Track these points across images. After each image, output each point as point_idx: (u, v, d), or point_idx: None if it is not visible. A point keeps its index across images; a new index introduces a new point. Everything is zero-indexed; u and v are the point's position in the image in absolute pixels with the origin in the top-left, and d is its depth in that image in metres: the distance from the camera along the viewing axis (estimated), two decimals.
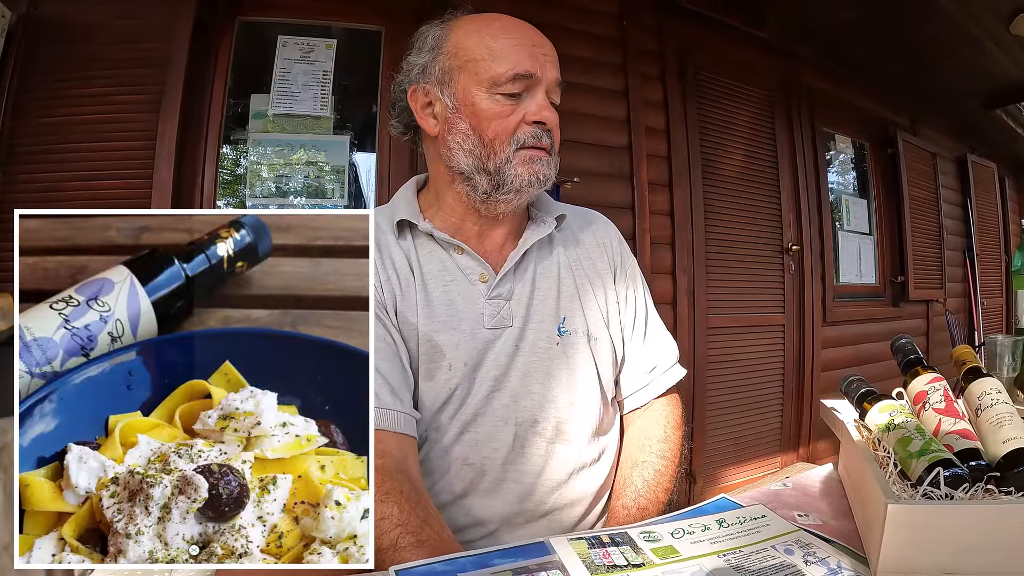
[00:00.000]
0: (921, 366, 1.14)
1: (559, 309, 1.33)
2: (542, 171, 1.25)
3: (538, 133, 1.24)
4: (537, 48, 1.24)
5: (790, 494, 1.17)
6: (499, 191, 1.24)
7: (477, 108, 1.23)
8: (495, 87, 1.21)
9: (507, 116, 1.22)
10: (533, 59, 1.22)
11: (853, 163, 5.39)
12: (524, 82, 1.22)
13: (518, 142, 1.23)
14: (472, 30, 1.26)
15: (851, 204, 5.18)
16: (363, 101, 3.16)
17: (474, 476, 1.24)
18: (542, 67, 1.23)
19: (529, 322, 1.30)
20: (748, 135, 4.31)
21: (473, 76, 1.23)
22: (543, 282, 1.34)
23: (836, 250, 4.90)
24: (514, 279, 1.32)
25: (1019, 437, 0.92)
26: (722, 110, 4.17)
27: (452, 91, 1.25)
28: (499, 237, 1.34)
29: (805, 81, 4.63)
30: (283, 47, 3.02)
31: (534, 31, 1.27)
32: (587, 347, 1.33)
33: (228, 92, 2.96)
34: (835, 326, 4.73)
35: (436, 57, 1.28)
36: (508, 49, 1.22)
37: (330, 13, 3.10)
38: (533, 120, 1.23)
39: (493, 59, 1.22)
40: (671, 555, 0.89)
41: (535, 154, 1.24)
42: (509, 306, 1.29)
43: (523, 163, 1.23)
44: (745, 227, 4.23)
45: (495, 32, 1.24)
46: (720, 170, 4.11)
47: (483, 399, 1.25)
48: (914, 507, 0.79)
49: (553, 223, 1.36)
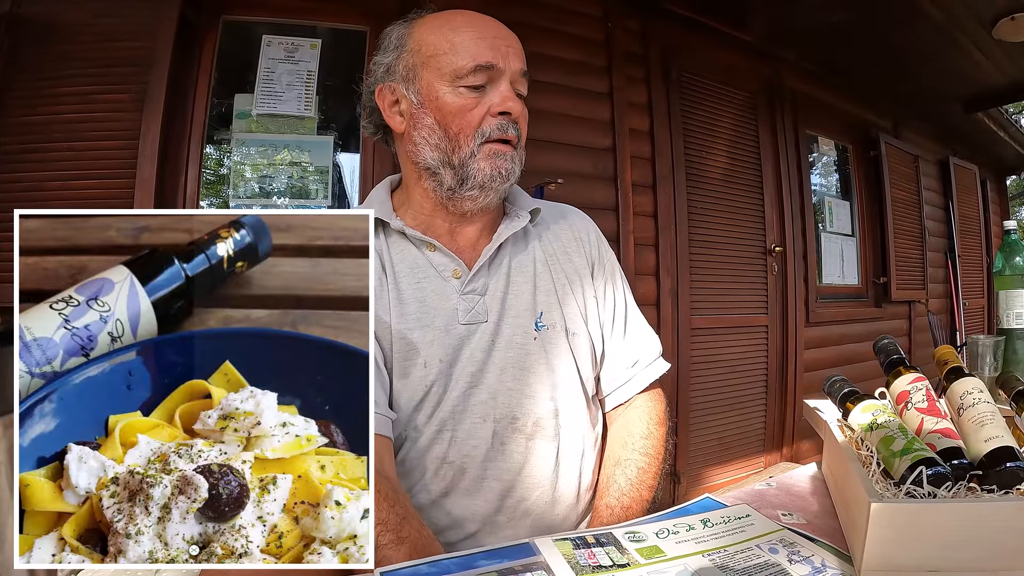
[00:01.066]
0: (903, 366, 1.15)
1: (535, 304, 1.32)
2: (504, 166, 1.24)
3: (503, 125, 1.23)
4: (499, 39, 1.24)
5: (774, 494, 1.17)
6: (463, 186, 1.24)
7: (441, 102, 1.22)
8: (458, 80, 1.21)
9: (471, 109, 1.22)
10: (494, 50, 1.22)
11: (836, 165, 5.43)
12: (486, 73, 1.21)
13: (483, 135, 1.22)
14: (434, 26, 1.26)
15: (834, 206, 5.22)
16: (347, 101, 3.14)
17: (454, 475, 1.23)
18: (504, 57, 1.22)
19: (505, 317, 1.29)
20: (732, 137, 4.33)
21: (436, 71, 1.22)
22: (518, 276, 1.33)
23: (819, 251, 4.94)
24: (488, 274, 1.30)
25: (1001, 436, 0.93)
26: (706, 112, 4.19)
27: (416, 87, 1.25)
28: (472, 233, 1.34)
29: (788, 84, 4.66)
30: (267, 47, 3.01)
31: (497, 24, 1.27)
32: (565, 342, 1.33)
33: (212, 91, 2.94)
34: (818, 327, 4.76)
35: (400, 55, 1.28)
36: (469, 41, 1.21)
37: (315, 13, 3.09)
38: (498, 111, 1.22)
39: (454, 52, 1.21)
40: (656, 555, 0.89)
41: (499, 148, 1.24)
42: (484, 301, 1.28)
43: (486, 158, 1.23)
44: (728, 229, 4.26)
45: (456, 26, 1.24)
46: (704, 172, 4.13)
47: (460, 396, 1.23)
48: (897, 505, 0.79)
49: (527, 216, 1.35)
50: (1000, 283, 1.74)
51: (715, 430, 4.14)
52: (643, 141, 3.82)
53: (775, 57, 4.52)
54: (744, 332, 4.32)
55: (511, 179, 1.27)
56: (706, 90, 4.21)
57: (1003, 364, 1.64)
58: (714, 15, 4.05)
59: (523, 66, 1.26)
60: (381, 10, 3.07)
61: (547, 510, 1.27)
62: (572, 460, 1.31)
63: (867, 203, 5.39)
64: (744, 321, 4.31)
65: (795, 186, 4.62)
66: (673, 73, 3.97)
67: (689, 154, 4.05)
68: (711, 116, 4.22)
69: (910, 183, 5.74)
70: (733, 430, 4.25)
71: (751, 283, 4.37)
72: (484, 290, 1.29)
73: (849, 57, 4.65)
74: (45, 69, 2.73)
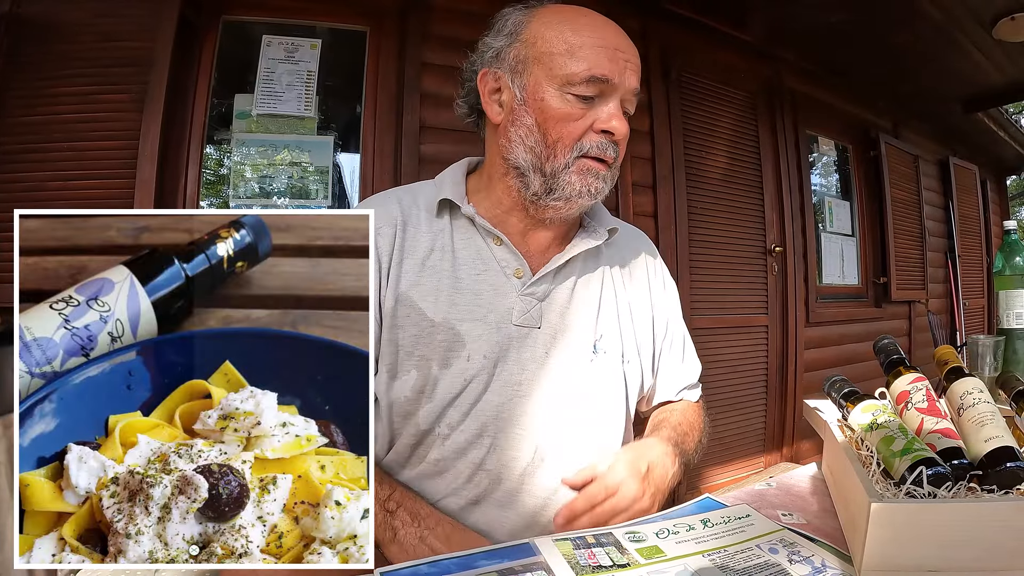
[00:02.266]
0: (903, 366, 1.15)
1: (597, 326, 1.28)
2: (596, 184, 1.19)
3: (603, 144, 1.18)
4: (620, 52, 1.17)
5: (774, 494, 1.17)
6: (550, 195, 1.19)
7: (545, 104, 1.17)
8: (568, 86, 1.15)
9: (576, 120, 1.16)
10: (613, 63, 1.16)
11: (836, 165, 5.43)
12: (599, 86, 1.15)
13: (581, 149, 1.17)
14: (554, 21, 1.19)
15: (834, 206, 5.22)
16: (347, 102, 3.15)
17: (489, 484, 1.19)
18: (621, 73, 1.16)
19: (563, 331, 1.25)
20: (732, 137, 4.33)
21: (547, 70, 1.17)
22: (584, 294, 1.29)
23: (819, 251, 4.93)
24: (552, 282, 1.26)
25: (1001, 436, 0.93)
26: (706, 112, 4.19)
27: (523, 82, 1.19)
28: (544, 239, 1.29)
29: (788, 84, 4.66)
30: (267, 47, 3.01)
31: (620, 34, 1.21)
32: (620, 369, 1.30)
33: (212, 92, 2.94)
34: (818, 327, 4.76)
35: (512, 43, 1.22)
36: (588, 48, 1.15)
37: (315, 13, 3.09)
38: (602, 128, 1.17)
39: (570, 56, 1.15)
40: (656, 555, 0.89)
41: (593, 166, 1.19)
42: (541, 307, 1.24)
43: (579, 173, 1.18)
44: (728, 229, 4.25)
45: (578, 28, 1.17)
46: (704, 172, 4.13)
47: (505, 402, 1.19)
48: (897, 505, 0.79)
49: (605, 235, 1.30)
50: (1000, 283, 1.74)
51: (715, 430, 4.10)
52: (643, 141, 3.82)
53: (775, 57, 4.52)
54: (744, 332, 4.32)
55: (600, 197, 1.23)
56: (706, 90, 4.20)
57: (1003, 364, 1.64)
58: (714, 15, 4.04)
59: (637, 84, 1.20)
60: (381, 10, 3.08)
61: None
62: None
63: (867, 203, 5.39)
64: (744, 321, 4.31)
65: (795, 186, 4.62)
66: (673, 73, 3.97)
67: (689, 154, 4.04)
68: (711, 116, 4.22)
69: (910, 183, 5.74)
70: (733, 430, 4.25)
71: (751, 283, 4.37)
72: (544, 296, 1.25)
73: (849, 57, 4.64)
74: (45, 69, 2.72)
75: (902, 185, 5.58)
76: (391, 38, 3.09)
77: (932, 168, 6.32)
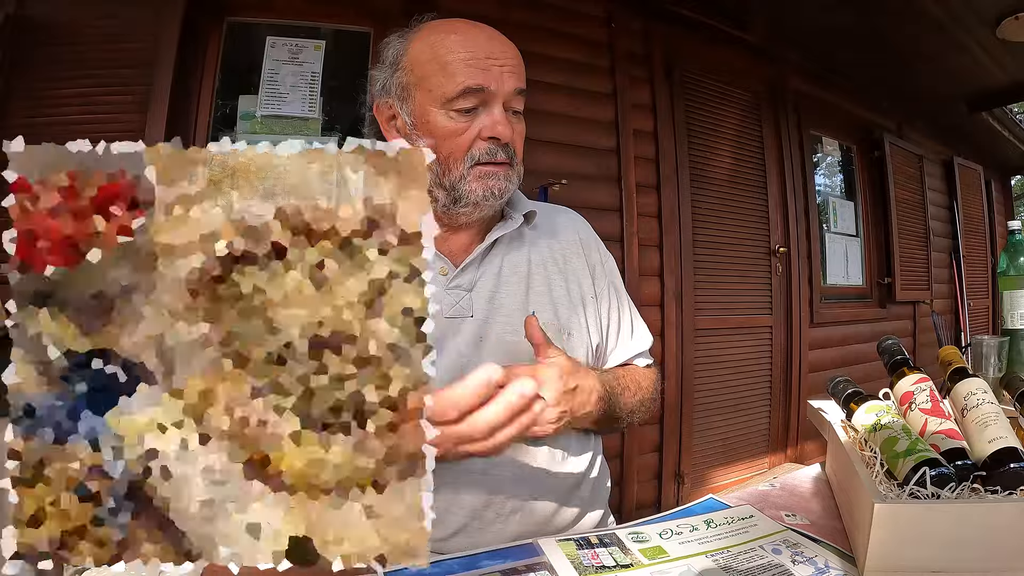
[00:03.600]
0: (907, 367, 1.15)
1: (528, 304, 1.31)
2: (497, 185, 1.23)
3: (492, 149, 1.21)
4: (492, 60, 1.21)
5: (778, 494, 1.17)
6: (457, 204, 1.23)
7: (432, 126, 1.21)
8: (448, 104, 1.19)
9: (461, 134, 1.20)
10: (486, 72, 1.19)
11: (840, 165, 5.43)
12: (476, 96, 1.19)
13: (472, 159, 1.21)
14: (427, 44, 1.23)
15: (838, 206, 5.21)
16: (351, 103, 3.14)
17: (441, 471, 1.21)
18: (497, 80, 1.20)
19: (494, 315, 1.28)
20: (735, 138, 4.33)
21: (427, 93, 1.21)
22: (512, 277, 1.33)
23: (823, 252, 4.92)
24: (477, 272, 1.30)
25: (1005, 437, 0.93)
26: (710, 113, 4.19)
27: (410, 108, 1.24)
28: (465, 237, 1.33)
29: (792, 84, 4.65)
30: (271, 48, 3.01)
31: (493, 40, 1.24)
32: (559, 342, 1.31)
33: (216, 93, 2.94)
34: (822, 327, 4.75)
35: (395, 72, 1.27)
36: (458, 63, 1.19)
37: (319, 14, 3.09)
38: (487, 136, 1.21)
39: (444, 75, 1.19)
40: (659, 555, 0.89)
41: (489, 169, 1.22)
42: (469, 296, 1.28)
43: (477, 179, 1.22)
44: (732, 229, 4.25)
45: (449, 46, 1.21)
46: (708, 172, 4.13)
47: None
48: (901, 506, 0.79)
49: (520, 219, 1.34)
50: (1004, 283, 1.74)
51: (719, 431, 4.13)
52: (647, 142, 3.82)
53: (778, 58, 4.52)
54: (748, 333, 4.31)
55: (505, 196, 1.26)
56: (709, 91, 4.20)
57: (1007, 365, 1.63)
58: (717, 16, 4.04)
59: (519, 84, 1.23)
60: (385, 11, 3.07)
61: (537, 507, 1.26)
62: (563, 458, 1.30)
63: (871, 203, 5.39)
64: (748, 322, 4.31)
65: (799, 186, 4.61)
66: (676, 74, 3.97)
67: (693, 155, 4.04)
68: (715, 117, 4.22)
69: (914, 183, 5.74)
70: (737, 431, 4.25)
71: (755, 284, 4.37)
72: (471, 286, 1.29)
73: (852, 57, 4.64)
74: (49, 70, 2.73)
75: (906, 185, 5.58)
76: None
77: (936, 168, 6.31)
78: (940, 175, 6.40)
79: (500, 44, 1.24)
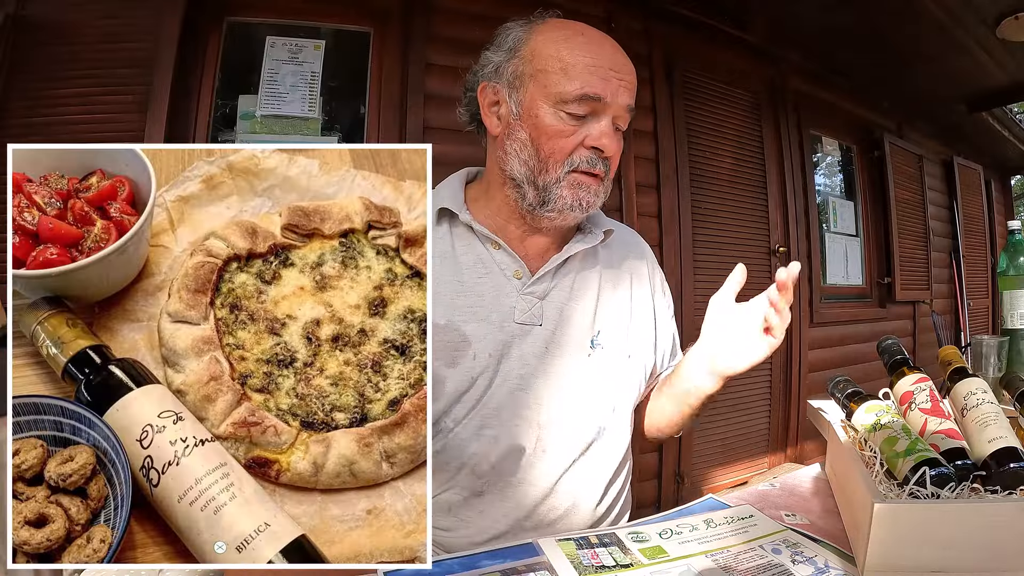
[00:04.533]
0: (907, 367, 1.15)
1: (595, 321, 1.32)
2: (587, 198, 1.23)
3: (593, 159, 1.21)
4: (613, 72, 1.20)
5: (777, 494, 1.17)
6: (543, 207, 1.23)
7: (539, 121, 1.20)
8: (561, 104, 1.18)
9: (567, 136, 1.20)
10: (605, 82, 1.19)
11: (840, 165, 5.42)
12: (591, 104, 1.18)
13: (572, 164, 1.21)
14: (552, 39, 1.23)
15: (838, 206, 5.21)
16: (351, 102, 3.14)
17: (491, 476, 1.22)
18: (614, 92, 1.19)
19: (562, 327, 1.28)
20: (735, 138, 4.32)
21: (542, 88, 1.20)
22: (582, 292, 1.32)
23: (823, 252, 4.92)
24: (551, 282, 1.30)
25: (1004, 436, 0.93)
26: (710, 113, 4.18)
27: (519, 97, 1.23)
28: (542, 243, 1.33)
29: (792, 84, 4.65)
30: (271, 48, 3.00)
31: (616, 52, 1.24)
32: (619, 364, 1.33)
33: (216, 93, 2.93)
34: (822, 327, 4.75)
35: (511, 59, 1.26)
36: (581, 67, 1.18)
37: (319, 14, 3.08)
38: (592, 145, 1.20)
39: (564, 75, 1.18)
40: (659, 555, 0.89)
41: (584, 180, 1.22)
42: (541, 305, 1.27)
43: (570, 187, 1.21)
44: (732, 229, 4.24)
45: (574, 47, 1.20)
46: (708, 172, 4.12)
47: (506, 396, 1.23)
48: (900, 506, 0.79)
49: (600, 236, 1.34)
50: (1004, 283, 1.74)
51: (719, 431, 4.13)
52: (647, 142, 3.81)
53: (778, 58, 4.51)
54: None
55: (591, 210, 1.26)
56: (709, 91, 4.19)
57: (1007, 365, 1.63)
58: (717, 16, 4.04)
59: (631, 102, 1.23)
60: (385, 11, 3.08)
61: (572, 523, 1.27)
62: (603, 478, 1.31)
63: (871, 203, 5.38)
64: None
65: (799, 186, 4.61)
66: (676, 74, 3.97)
67: (693, 155, 4.03)
68: (715, 117, 4.21)
69: (914, 183, 5.73)
70: (737, 431, 4.24)
71: (755, 284, 4.32)
72: (544, 295, 1.29)
73: (852, 57, 4.63)
74: (49, 70, 2.72)
75: (906, 185, 5.57)
76: (395, 39, 3.09)
77: (936, 168, 6.31)
78: (940, 175, 6.39)
79: (623, 58, 1.24)
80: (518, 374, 1.24)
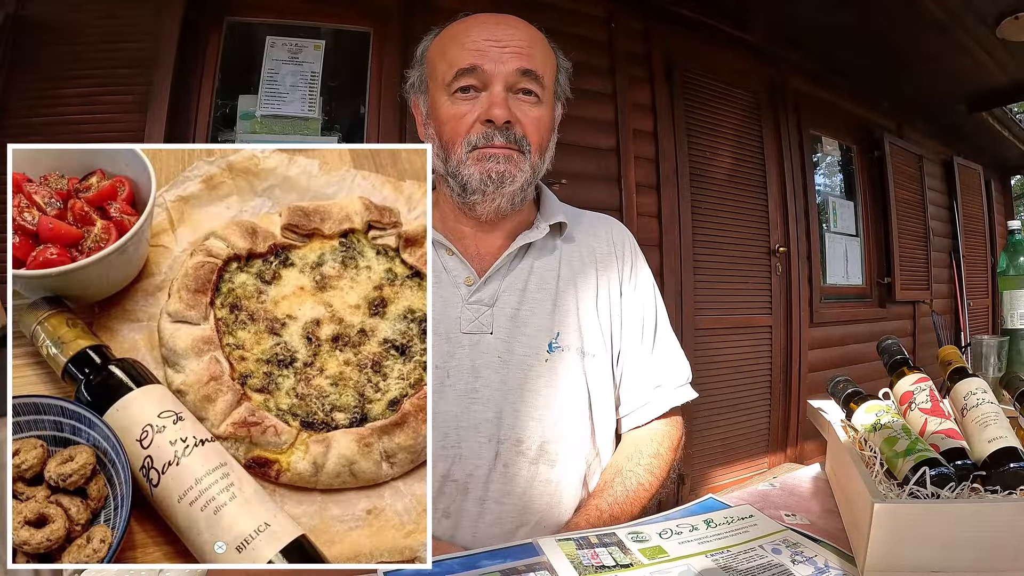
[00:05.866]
0: (907, 367, 1.15)
1: (553, 323, 1.26)
2: (495, 168, 1.18)
3: (488, 133, 1.18)
4: (491, 41, 1.18)
5: (777, 494, 1.17)
6: (465, 194, 1.21)
7: (438, 112, 1.22)
8: (448, 88, 1.19)
9: (460, 117, 1.19)
10: (481, 52, 1.17)
11: (840, 165, 5.43)
12: (472, 76, 1.18)
13: (470, 143, 1.19)
14: (443, 38, 1.25)
15: (838, 206, 5.21)
16: (351, 102, 3.14)
17: (457, 494, 1.18)
18: (494, 60, 1.17)
19: (516, 334, 1.24)
20: (735, 138, 4.33)
21: (435, 82, 1.23)
22: (538, 293, 1.27)
23: (823, 252, 4.92)
24: (501, 285, 1.26)
25: (1004, 436, 0.93)
26: (710, 113, 4.19)
27: (426, 99, 1.26)
28: (495, 240, 1.30)
29: (792, 84, 4.65)
30: (271, 48, 3.01)
31: (501, 24, 1.22)
32: (579, 364, 1.27)
33: (216, 93, 2.93)
34: (822, 327, 4.75)
35: (419, 69, 1.29)
36: (457, 48, 1.19)
37: (318, 14, 3.08)
38: (484, 119, 1.18)
39: (444, 60, 1.21)
40: (659, 555, 0.89)
41: (486, 152, 1.19)
42: (491, 312, 1.24)
43: (475, 162, 1.19)
44: (732, 229, 4.25)
45: (455, 34, 1.22)
46: (707, 172, 4.13)
47: (462, 411, 1.19)
48: (900, 506, 0.79)
49: (547, 228, 1.29)
50: (1004, 283, 1.74)
51: (719, 431, 4.13)
52: (647, 142, 3.81)
53: (778, 57, 4.52)
54: (748, 333, 4.31)
55: (507, 182, 1.20)
56: (709, 91, 4.20)
57: (1007, 365, 1.63)
58: (717, 16, 4.05)
59: (524, 65, 1.19)
60: (385, 11, 3.08)
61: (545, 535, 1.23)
62: (574, 487, 1.25)
63: (871, 203, 5.39)
64: (748, 322, 4.30)
65: (799, 186, 4.61)
66: (676, 74, 3.97)
67: (693, 155, 4.04)
68: (714, 117, 4.22)
69: (914, 183, 5.74)
70: (737, 431, 4.25)
71: (755, 284, 4.36)
72: (492, 301, 1.24)
73: (852, 57, 4.64)
74: (49, 70, 2.72)
75: (906, 185, 5.58)
76: (395, 39, 3.09)
77: (936, 168, 6.32)
78: (940, 175, 6.40)
79: (507, 27, 1.22)
80: (472, 387, 1.20)
